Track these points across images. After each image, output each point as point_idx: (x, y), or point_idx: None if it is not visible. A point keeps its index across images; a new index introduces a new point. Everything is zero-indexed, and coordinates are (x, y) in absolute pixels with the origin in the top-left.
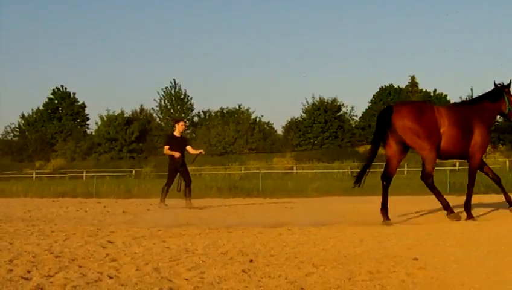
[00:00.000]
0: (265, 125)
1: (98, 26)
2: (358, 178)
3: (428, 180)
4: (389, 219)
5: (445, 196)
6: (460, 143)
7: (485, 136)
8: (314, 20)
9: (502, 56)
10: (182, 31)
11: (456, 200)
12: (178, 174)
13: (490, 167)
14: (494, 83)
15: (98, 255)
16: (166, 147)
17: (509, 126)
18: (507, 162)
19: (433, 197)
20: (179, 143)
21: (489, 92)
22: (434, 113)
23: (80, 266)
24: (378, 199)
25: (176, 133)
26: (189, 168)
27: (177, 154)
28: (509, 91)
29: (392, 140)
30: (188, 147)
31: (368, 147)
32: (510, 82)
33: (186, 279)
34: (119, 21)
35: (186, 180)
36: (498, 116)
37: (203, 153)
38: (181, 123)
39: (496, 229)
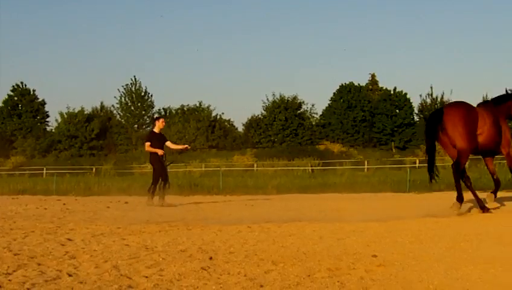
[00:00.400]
0: (226, 123)
1: (58, 23)
2: (432, 175)
3: (458, 170)
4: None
5: (404, 194)
6: (497, 139)
7: (509, 133)
8: (274, 17)
9: (461, 53)
10: (142, 29)
11: (415, 198)
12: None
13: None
14: (506, 90)
15: (57, 253)
16: (148, 143)
17: None
18: None
19: (390, 194)
20: (159, 139)
21: (503, 96)
22: (477, 114)
23: (39, 264)
24: (337, 196)
25: (156, 130)
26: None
27: (160, 152)
28: None
29: (445, 138)
30: (168, 143)
31: (327, 143)
32: None
33: (146, 276)
34: (79, 18)
35: (158, 179)
36: None
37: (189, 148)
38: (161, 120)
39: (454, 226)
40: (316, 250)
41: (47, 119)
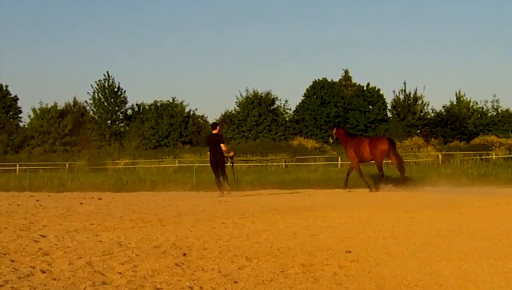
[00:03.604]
0: (200, 119)
1: (30, 19)
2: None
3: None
4: None
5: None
6: None
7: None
8: (248, 13)
9: (434, 49)
10: (115, 24)
11: (389, 194)
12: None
13: (423, 160)
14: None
15: (31, 250)
16: (224, 144)
17: (441, 120)
18: (439, 156)
19: (363, 190)
20: None
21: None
22: None
23: (12, 261)
24: (311, 192)
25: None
26: (125, 161)
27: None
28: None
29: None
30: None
31: (301, 139)
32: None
33: (119, 273)
34: (51, 13)
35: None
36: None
37: (231, 155)
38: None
39: (428, 222)
40: (290, 246)
41: (20, 115)
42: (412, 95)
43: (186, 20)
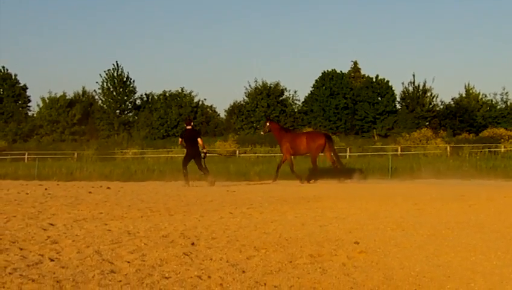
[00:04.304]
0: (208, 109)
1: (39, 8)
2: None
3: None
4: None
5: (386, 182)
6: None
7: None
8: (257, 4)
9: (442, 41)
10: (125, 14)
11: (397, 185)
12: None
13: (432, 152)
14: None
15: (39, 238)
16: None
17: (450, 112)
18: (448, 148)
19: (373, 181)
20: None
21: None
22: None
23: (21, 249)
24: (319, 183)
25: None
26: (134, 150)
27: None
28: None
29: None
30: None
31: (310, 129)
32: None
33: (128, 261)
34: (61, 3)
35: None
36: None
37: (204, 151)
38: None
39: (436, 214)
40: (298, 236)
41: (28, 104)
42: (421, 87)
43: (195, 11)
